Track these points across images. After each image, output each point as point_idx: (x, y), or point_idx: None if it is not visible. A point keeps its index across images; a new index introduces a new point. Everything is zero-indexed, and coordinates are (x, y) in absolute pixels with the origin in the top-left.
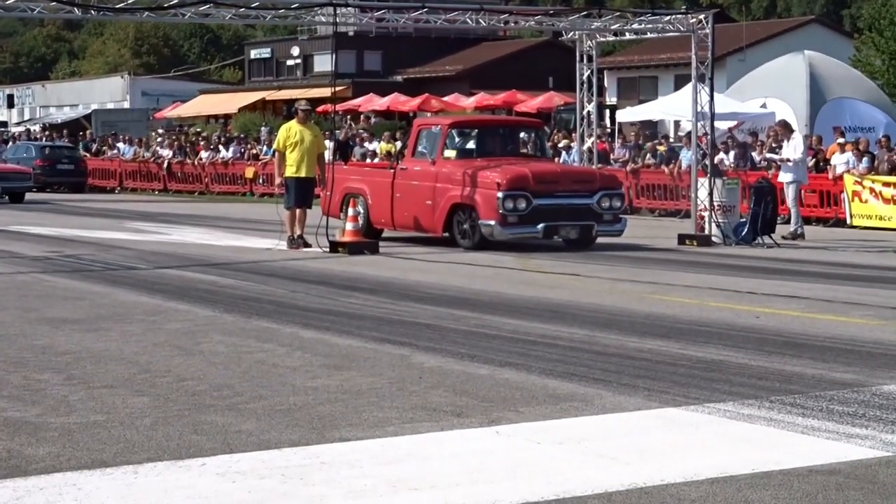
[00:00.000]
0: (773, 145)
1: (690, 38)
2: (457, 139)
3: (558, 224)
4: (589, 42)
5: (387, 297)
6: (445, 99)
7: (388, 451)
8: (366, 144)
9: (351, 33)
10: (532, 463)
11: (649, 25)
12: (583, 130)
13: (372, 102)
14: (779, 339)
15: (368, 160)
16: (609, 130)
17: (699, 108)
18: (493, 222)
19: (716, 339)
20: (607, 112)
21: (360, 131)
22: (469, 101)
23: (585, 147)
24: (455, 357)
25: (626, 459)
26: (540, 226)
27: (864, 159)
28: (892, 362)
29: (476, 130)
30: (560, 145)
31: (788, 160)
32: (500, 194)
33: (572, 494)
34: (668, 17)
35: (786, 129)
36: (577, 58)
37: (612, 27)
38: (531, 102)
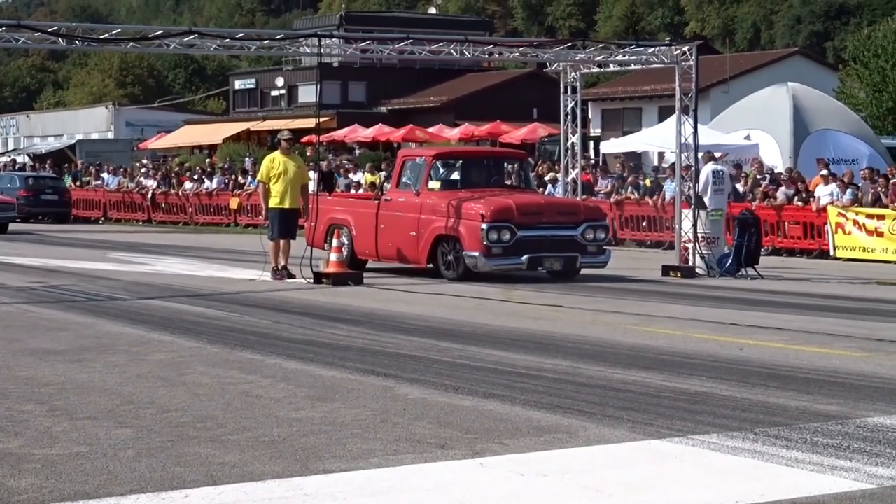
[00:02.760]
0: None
1: (674, 70)
2: (441, 170)
3: (542, 255)
4: (573, 73)
5: (371, 329)
6: (430, 130)
7: (372, 483)
8: (350, 175)
9: (335, 64)
10: (516, 495)
11: (633, 57)
12: (567, 162)
13: (356, 133)
14: (763, 371)
15: (353, 191)
16: (593, 162)
17: (683, 140)
18: (477, 254)
19: (700, 371)
20: (591, 143)
21: (345, 162)
22: (454, 132)
23: (570, 178)
24: (439, 388)
25: (610, 491)
26: (524, 257)
27: (848, 191)
28: (876, 394)
29: (460, 161)
30: (546, 178)
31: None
32: (484, 226)
33: None
34: (652, 49)
35: (710, 158)
36: (562, 89)
37: (597, 59)
38: (515, 133)
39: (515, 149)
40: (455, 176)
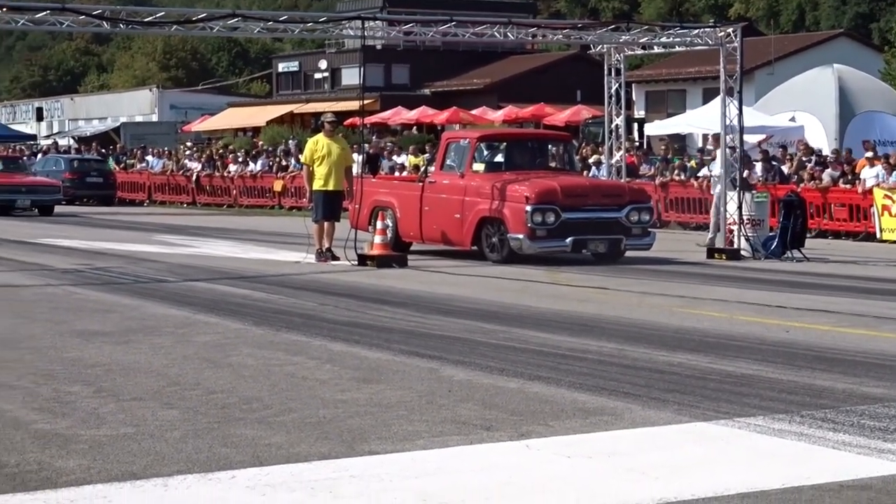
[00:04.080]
0: (707, 158)
1: (719, 52)
2: (485, 153)
3: (587, 238)
4: (617, 55)
5: (416, 311)
6: (473, 112)
7: (418, 464)
8: (394, 158)
9: (379, 47)
10: (562, 477)
11: (677, 39)
12: (611, 144)
13: (400, 115)
14: (809, 354)
15: (397, 173)
16: (637, 144)
17: (728, 122)
18: (521, 236)
19: (746, 354)
20: (635, 125)
21: (388, 144)
22: (497, 115)
23: (614, 161)
24: (484, 370)
25: (656, 474)
26: (568, 239)
27: (894, 173)
28: None
29: (504, 144)
30: (590, 160)
31: (714, 176)
32: (528, 208)
33: None
34: (696, 31)
35: (717, 142)
36: (605, 71)
37: (641, 41)
38: (559, 116)
39: (559, 131)
40: (499, 158)
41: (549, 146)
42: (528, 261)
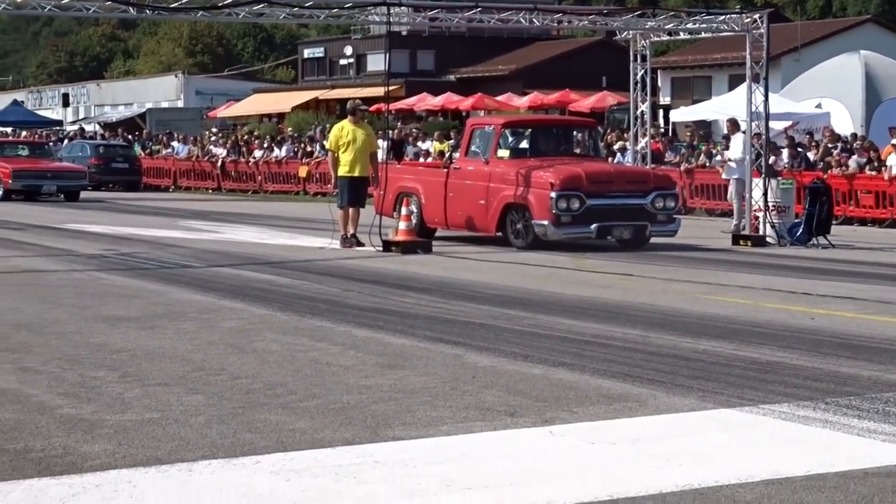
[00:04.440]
0: (721, 147)
1: (745, 38)
2: (510, 139)
3: (611, 224)
4: (643, 42)
5: (440, 297)
6: (498, 98)
7: (442, 450)
8: (418, 143)
9: (404, 33)
10: (586, 463)
11: (703, 25)
12: (636, 130)
13: (425, 101)
14: (834, 341)
15: (421, 159)
16: (662, 130)
17: (753, 108)
18: (546, 222)
19: (770, 341)
20: (661, 112)
21: (413, 131)
22: (522, 101)
23: (639, 147)
24: (509, 357)
25: (680, 460)
26: (593, 226)
27: None
28: None
29: (529, 130)
30: (615, 147)
31: (729, 160)
32: (553, 194)
33: (626, 495)
34: (722, 17)
35: (734, 126)
36: (631, 57)
37: (667, 27)
38: (584, 102)
39: (584, 117)
40: (524, 144)
41: (574, 132)
42: (553, 247)
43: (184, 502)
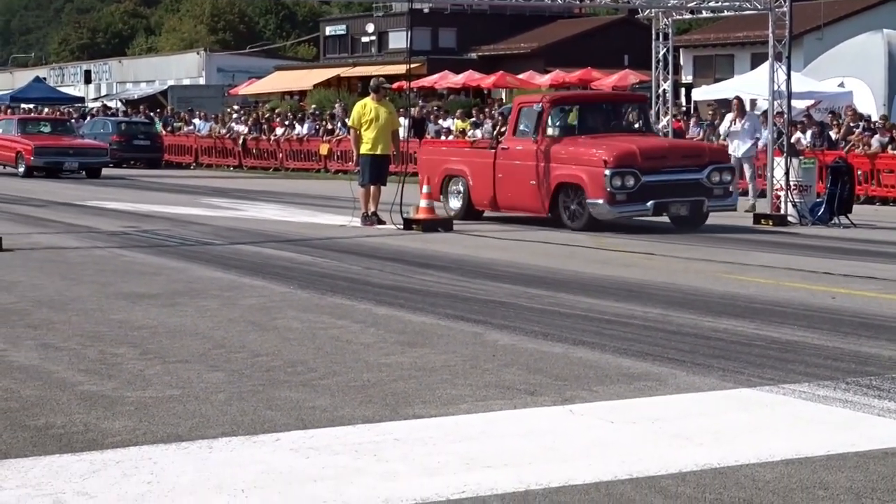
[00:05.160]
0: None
1: (767, 16)
2: (559, 116)
3: (668, 201)
4: (665, 20)
5: (461, 275)
6: (520, 76)
7: (462, 428)
8: (440, 122)
9: (426, 10)
10: (605, 442)
11: (726, 3)
12: (658, 109)
13: (446, 79)
14: (855, 320)
15: (442, 137)
16: (684, 109)
17: (776, 87)
18: (601, 201)
19: (791, 320)
20: (683, 90)
21: (435, 108)
22: (544, 79)
23: (661, 125)
24: (529, 335)
25: (700, 440)
26: (649, 203)
27: None
28: None
29: (579, 106)
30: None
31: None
32: (607, 172)
33: (646, 474)
34: None
35: (740, 107)
36: (653, 35)
37: (689, 5)
38: (606, 80)
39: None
40: (574, 121)
41: (624, 107)
42: (608, 227)
43: (204, 479)
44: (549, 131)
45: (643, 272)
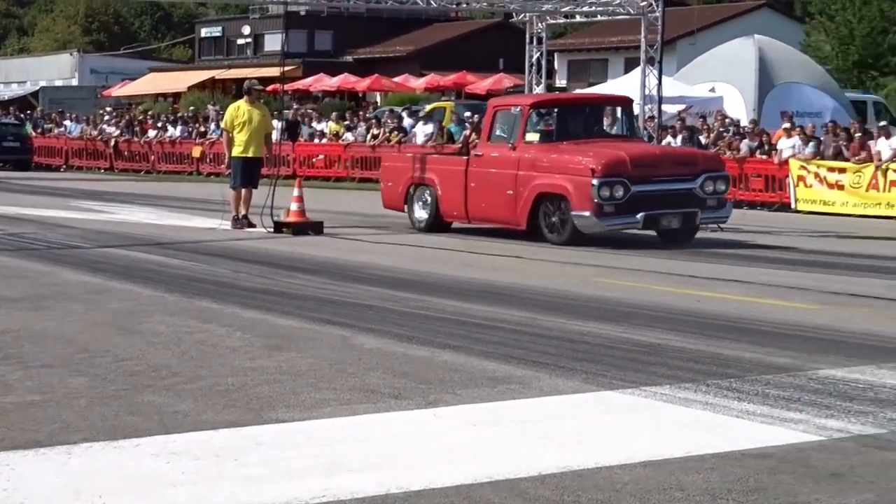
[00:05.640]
0: None
1: (640, 21)
2: (539, 120)
3: (659, 213)
4: (539, 24)
5: (330, 278)
6: (395, 79)
7: (325, 432)
8: (314, 124)
9: (302, 13)
10: (468, 445)
11: (599, 8)
12: None
13: (322, 82)
14: (718, 323)
15: (316, 140)
16: None
17: (647, 92)
18: (587, 213)
19: (656, 323)
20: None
21: (310, 111)
22: (419, 82)
23: None
24: (395, 338)
25: (562, 442)
26: (639, 215)
27: (811, 144)
28: (829, 346)
29: (561, 110)
30: None
31: None
32: (595, 181)
33: (506, 476)
34: (618, 0)
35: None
36: (527, 39)
37: (563, 9)
38: (481, 84)
39: (481, 100)
40: (555, 126)
41: (609, 111)
42: (595, 242)
43: (62, 485)
44: (529, 137)
45: (513, 276)
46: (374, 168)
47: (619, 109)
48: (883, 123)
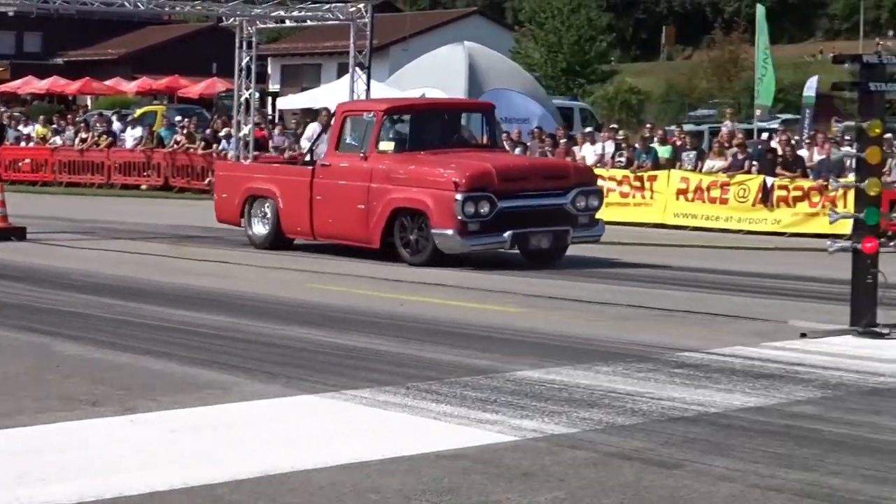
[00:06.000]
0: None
1: (350, 27)
2: (395, 128)
3: (528, 231)
4: (249, 28)
5: (34, 285)
6: (107, 83)
7: (18, 442)
8: (20, 128)
9: (11, 13)
10: (165, 451)
11: (310, 13)
12: (240, 118)
13: (30, 85)
14: (419, 327)
15: (23, 144)
16: (270, 117)
17: (356, 96)
18: (450, 231)
19: (359, 327)
20: (270, 99)
21: (16, 114)
22: (131, 86)
23: (241, 134)
24: (96, 345)
25: (262, 447)
26: (507, 234)
27: (517, 150)
28: (527, 349)
29: (419, 116)
30: (221, 134)
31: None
32: (459, 196)
33: (202, 482)
34: (328, 6)
35: (329, 118)
36: (237, 44)
37: (273, 14)
38: (194, 88)
39: (194, 104)
40: (413, 134)
41: (470, 118)
42: (457, 263)
43: None
44: (383, 146)
45: (221, 281)
46: (82, 172)
47: (480, 116)
48: (588, 129)
